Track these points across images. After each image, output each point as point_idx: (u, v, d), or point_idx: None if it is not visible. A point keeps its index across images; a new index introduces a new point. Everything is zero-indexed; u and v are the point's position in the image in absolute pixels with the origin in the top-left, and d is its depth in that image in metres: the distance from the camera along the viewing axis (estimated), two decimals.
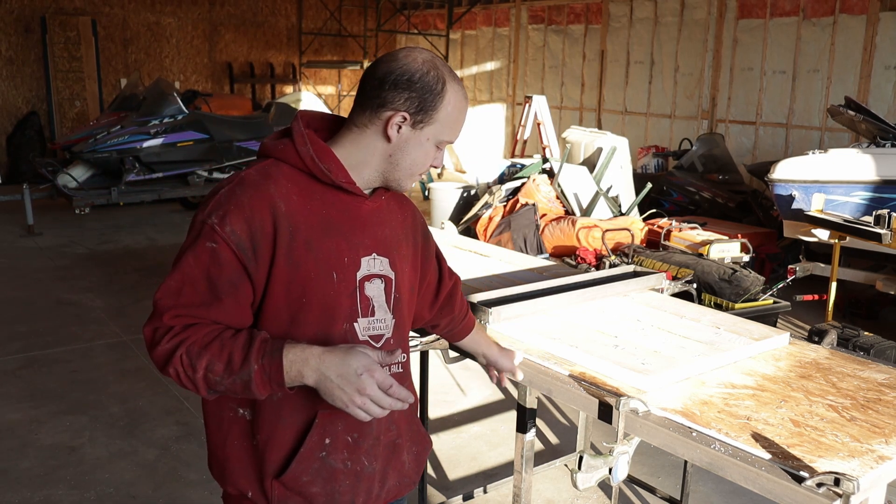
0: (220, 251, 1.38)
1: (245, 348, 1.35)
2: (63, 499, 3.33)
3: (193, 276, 1.39)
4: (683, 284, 2.98)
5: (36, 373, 4.68)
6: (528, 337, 2.18)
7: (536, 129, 9.59)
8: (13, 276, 6.81)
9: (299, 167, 1.47)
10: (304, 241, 1.43)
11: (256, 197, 1.41)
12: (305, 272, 1.43)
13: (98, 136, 8.68)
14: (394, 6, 13.91)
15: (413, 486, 1.71)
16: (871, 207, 5.55)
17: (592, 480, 1.78)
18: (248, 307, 1.43)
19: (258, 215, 1.39)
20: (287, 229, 1.41)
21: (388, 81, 1.44)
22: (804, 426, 1.68)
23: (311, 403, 1.47)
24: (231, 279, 1.39)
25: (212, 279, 1.39)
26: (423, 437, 1.74)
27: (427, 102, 1.45)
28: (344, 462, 1.52)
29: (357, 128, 1.49)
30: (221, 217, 1.39)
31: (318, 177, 1.47)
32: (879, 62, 7.98)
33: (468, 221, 7.19)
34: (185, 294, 1.39)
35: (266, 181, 1.44)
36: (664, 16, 10.14)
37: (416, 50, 1.49)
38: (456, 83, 1.49)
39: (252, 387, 1.34)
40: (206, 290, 1.39)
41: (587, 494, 3.43)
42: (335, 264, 1.47)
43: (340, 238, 1.48)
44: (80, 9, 12.28)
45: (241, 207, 1.39)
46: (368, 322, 1.53)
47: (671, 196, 8.05)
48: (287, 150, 1.48)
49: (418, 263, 1.69)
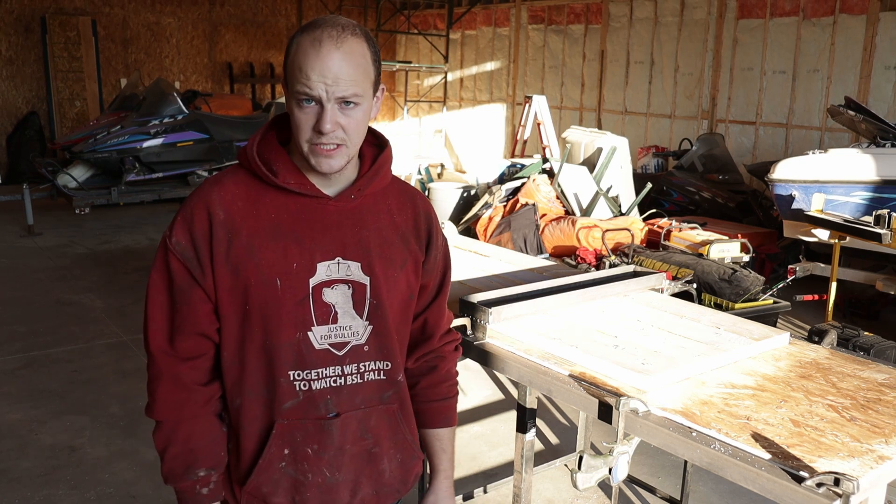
0: (170, 262, 1.43)
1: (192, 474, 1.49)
2: (63, 499, 3.33)
3: (157, 299, 1.46)
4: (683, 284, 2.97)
5: (36, 373, 4.68)
6: (528, 337, 2.17)
7: (536, 129, 9.58)
8: (13, 276, 6.80)
9: (251, 170, 1.46)
10: (244, 246, 1.40)
11: (198, 205, 1.43)
12: (245, 278, 1.41)
13: (98, 136, 8.68)
14: (394, 6, 13.91)
15: (399, 494, 1.62)
16: (871, 207, 5.55)
17: (592, 480, 1.78)
18: (205, 313, 1.45)
19: (197, 223, 1.41)
20: (225, 235, 1.40)
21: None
22: (804, 426, 1.67)
23: (268, 413, 1.46)
24: (181, 287, 1.43)
25: (170, 290, 1.45)
26: (410, 446, 1.61)
27: (286, 57, 1.39)
28: (304, 473, 1.48)
29: None
30: (171, 229, 1.44)
31: (263, 179, 1.44)
32: (879, 62, 7.98)
33: (468, 221, 7.19)
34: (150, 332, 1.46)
35: (212, 187, 1.45)
36: (664, 16, 10.14)
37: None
38: (311, 28, 1.36)
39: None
40: (169, 302, 1.45)
41: (587, 494, 3.43)
42: (280, 270, 1.41)
43: (290, 242, 1.42)
44: (80, 9, 12.28)
45: (185, 217, 1.43)
46: (329, 329, 1.45)
47: (671, 196, 8.04)
48: (241, 154, 1.48)
49: (417, 268, 1.56)
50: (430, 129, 13.70)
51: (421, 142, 13.38)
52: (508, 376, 2.18)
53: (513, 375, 2.10)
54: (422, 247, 1.57)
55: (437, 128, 13.79)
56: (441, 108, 13.85)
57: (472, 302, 2.27)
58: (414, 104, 14.50)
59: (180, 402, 1.47)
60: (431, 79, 14.23)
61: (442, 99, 13.80)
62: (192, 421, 1.48)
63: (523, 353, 2.10)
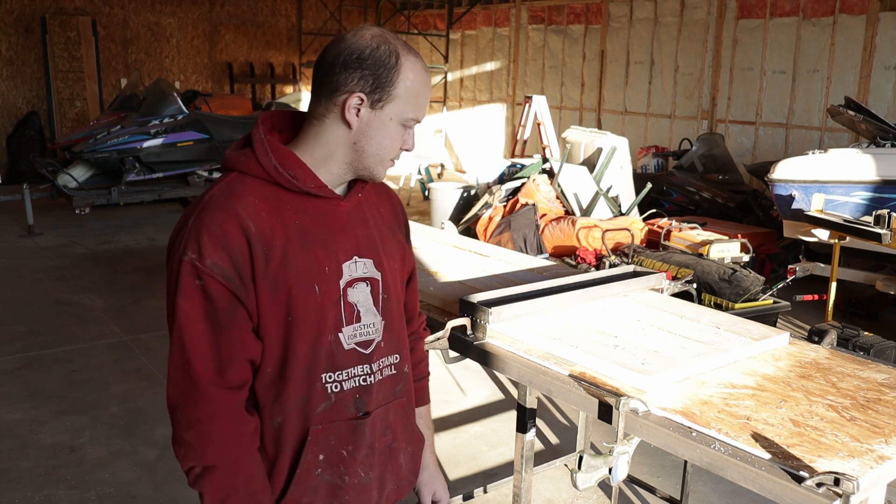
0: (208, 286, 1.32)
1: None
2: (63, 499, 3.33)
3: (195, 329, 1.33)
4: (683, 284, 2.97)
5: (36, 373, 4.68)
6: (528, 337, 2.17)
7: (536, 129, 9.59)
8: (13, 276, 6.80)
9: (264, 178, 1.39)
10: (280, 258, 1.36)
11: (228, 221, 1.33)
12: (286, 290, 1.37)
13: (98, 136, 8.68)
14: (394, 6, 13.91)
15: (411, 487, 1.67)
16: (871, 207, 5.55)
17: (592, 480, 1.78)
18: (251, 334, 1.37)
19: (234, 241, 1.33)
20: (262, 251, 1.34)
21: (338, 64, 1.35)
22: (804, 426, 1.67)
23: (303, 420, 1.43)
24: (226, 310, 1.34)
25: (210, 317, 1.33)
26: (418, 437, 1.68)
27: (382, 78, 1.35)
28: (341, 476, 1.47)
29: (316, 120, 1.41)
30: (199, 251, 1.31)
31: (286, 186, 1.39)
32: (879, 62, 7.98)
33: (468, 221, 7.19)
34: (195, 365, 1.33)
35: (232, 201, 1.35)
36: (664, 16, 10.14)
37: (363, 27, 1.39)
38: (412, 55, 1.39)
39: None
40: (210, 330, 1.33)
41: (587, 494, 3.43)
42: (316, 276, 1.40)
43: (318, 247, 1.40)
44: (80, 9, 12.28)
45: (215, 236, 1.32)
46: (354, 329, 1.46)
47: (671, 196, 8.04)
48: (249, 162, 1.39)
49: (406, 256, 1.62)
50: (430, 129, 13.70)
51: (421, 142, 13.37)
52: (508, 376, 2.18)
53: (513, 375, 2.10)
54: (405, 236, 1.64)
55: (437, 128, 13.79)
56: (441, 108, 13.85)
57: (472, 302, 2.27)
58: None
59: (238, 438, 1.38)
60: (431, 79, 14.22)
61: (442, 99, 13.80)
62: (247, 459, 1.39)
63: (523, 353, 2.10)
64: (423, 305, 2.61)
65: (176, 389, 1.36)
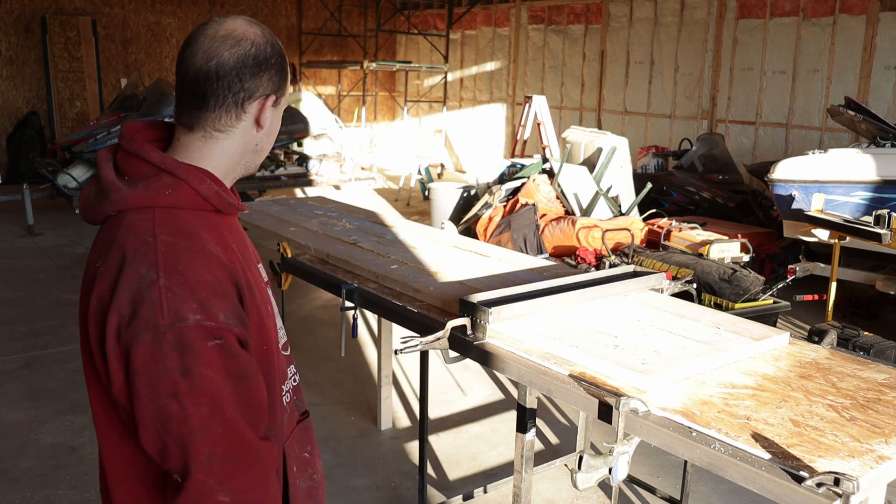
0: (228, 344, 1.17)
1: None
2: (63, 499, 3.33)
3: (224, 392, 1.15)
4: (683, 284, 2.97)
5: (36, 373, 4.68)
6: (528, 337, 2.17)
7: (536, 129, 9.59)
8: (13, 276, 6.81)
9: (199, 208, 1.26)
10: (246, 287, 1.26)
11: (213, 266, 1.20)
12: (258, 317, 1.29)
13: (98, 135, 8.68)
14: (394, 6, 13.91)
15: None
16: (871, 207, 5.55)
17: (592, 480, 1.78)
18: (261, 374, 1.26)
19: (227, 285, 1.21)
20: (243, 286, 1.25)
21: (246, 71, 1.26)
22: (804, 426, 1.67)
23: (281, 441, 1.36)
24: (247, 360, 1.21)
25: (233, 374, 1.17)
26: None
27: (284, 72, 1.32)
28: (311, 478, 1.45)
29: (222, 134, 1.28)
30: (203, 309, 1.15)
31: (223, 210, 1.29)
32: (879, 62, 7.98)
33: (468, 221, 7.20)
34: (243, 431, 1.16)
35: (196, 242, 1.21)
36: (664, 16, 10.14)
37: (234, 23, 1.28)
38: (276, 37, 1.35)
39: None
40: (239, 388, 1.17)
41: (587, 494, 3.43)
42: (265, 293, 1.35)
43: (252, 263, 1.35)
44: (80, 9, 12.28)
45: (212, 286, 1.18)
46: (281, 333, 1.42)
47: (671, 196, 8.05)
48: (178, 194, 1.24)
49: None
50: (430, 130, 13.70)
51: (421, 142, 13.38)
52: (508, 376, 2.18)
53: (513, 375, 2.10)
54: None
55: (437, 128, 13.79)
56: (441, 108, 13.85)
57: (472, 302, 2.27)
58: (414, 104, 14.51)
59: (278, 491, 1.28)
60: (431, 79, 14.23)
61: (442, 99, 13.80)
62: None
63: (523, 353, 2.10)
64: (424, 305, 2.62)
65: (221, 465, 1.14)
